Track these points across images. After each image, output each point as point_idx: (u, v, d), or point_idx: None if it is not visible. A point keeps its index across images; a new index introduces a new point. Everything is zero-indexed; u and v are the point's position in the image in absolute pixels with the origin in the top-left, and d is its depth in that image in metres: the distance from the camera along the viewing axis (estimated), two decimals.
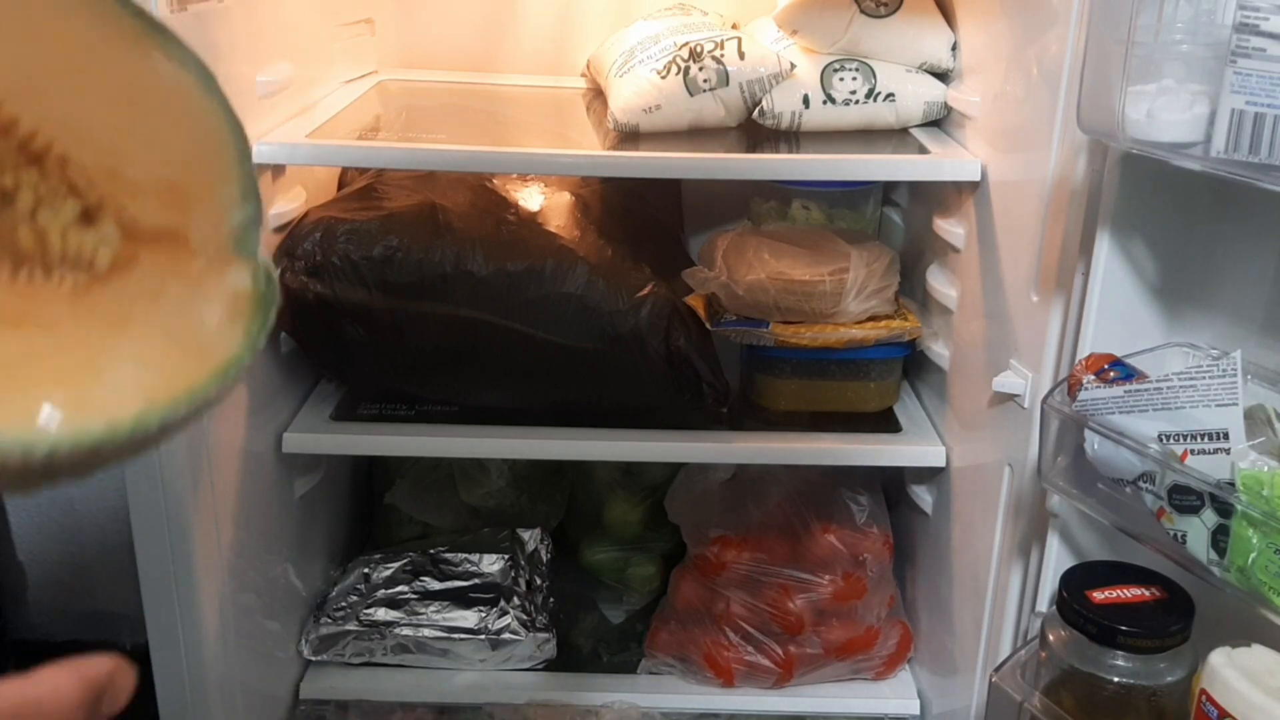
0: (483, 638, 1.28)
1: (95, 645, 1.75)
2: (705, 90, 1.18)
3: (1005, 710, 0.84)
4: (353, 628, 1.29)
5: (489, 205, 1.22)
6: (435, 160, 1.14)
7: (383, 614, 1.29)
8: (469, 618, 1.29)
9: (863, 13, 1.20)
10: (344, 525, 1.46)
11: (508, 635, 1.28)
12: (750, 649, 1.28)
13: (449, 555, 1.36)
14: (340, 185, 1.33)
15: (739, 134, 1.23)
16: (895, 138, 1.23)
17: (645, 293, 1.14)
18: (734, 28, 1.28)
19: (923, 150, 1.17)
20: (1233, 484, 0.70)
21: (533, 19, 1.46)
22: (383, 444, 1.22)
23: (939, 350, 1.23)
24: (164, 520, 0.99)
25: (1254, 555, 0.69)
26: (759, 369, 1.26)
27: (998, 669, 0.87)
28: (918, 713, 1.30)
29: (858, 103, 1.21)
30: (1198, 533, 0.73)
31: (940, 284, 1.22)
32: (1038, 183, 0.94)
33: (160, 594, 1.01)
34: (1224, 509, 0.71)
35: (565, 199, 1.30)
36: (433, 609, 1.30)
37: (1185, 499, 0.73)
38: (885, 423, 1.26)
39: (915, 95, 1.21)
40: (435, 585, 1.33)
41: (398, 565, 1.35)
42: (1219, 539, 0.71)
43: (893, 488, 1.38)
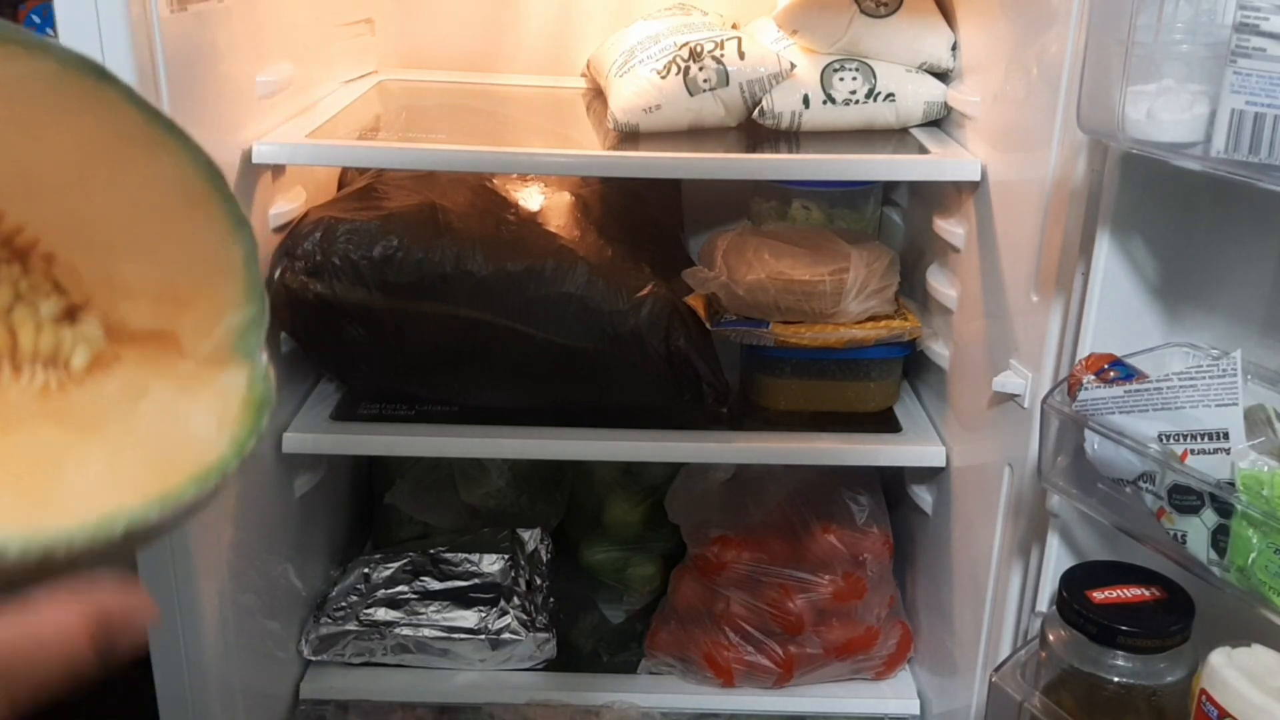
0: (483, 638, 1.28)
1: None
2: (705, 90, 1.18)
3: (1005, 710, 0.84)
4: (353, 628, 1.29)
5: (489, 205, 1.22)
6: (435, 160, 1.14)
7: (383, 614, 1.29)
8: (469, 618, 1.29)
9: (863, 13, 1.20)
10: (344, 525, 1.46)
11: (508, 635, 1.28)
12: (750, 649, 1.28)
13: (449, 555, 1.36)
14: (340, 185, 1.33)
15: (739, 134, 1.23)
16: (895, 138, 1.23)
17: (645, 293, 1.14)
18: (734, 28, 1.28)
19: (923, 150, 1.17)
20: (1233, 484, 0.70)
21: (533, 19, 1.46)
22: (383, 444, 1.22)
23: (939, 350, 1.23)
24: None
25: (1254, 555, 0.69)
26: (759, 369, 1.26)
27: (998, 669, 0.87)
28: (918, 713, 1.30)
29: (858, 103, 1.21)
30: (1198, 533, 0.73)
31: (940, 284, 1.22)
32: (1038, 183, 0.94)
33: (160, 594, 1.01)
34: (1224, 509, 0.71)
35: (565, 199, 1.30)
36: (433, 609, 1.30)
37: (1185, 499, 0.73)
38: (885, 423, 1.26)
39: (915, 95, 1.21)
40: (435, 585, 1.33)
41: (398, 565, 1.35)
42: (1219, 539, 0.71)
43: (893, 488, 1.38)
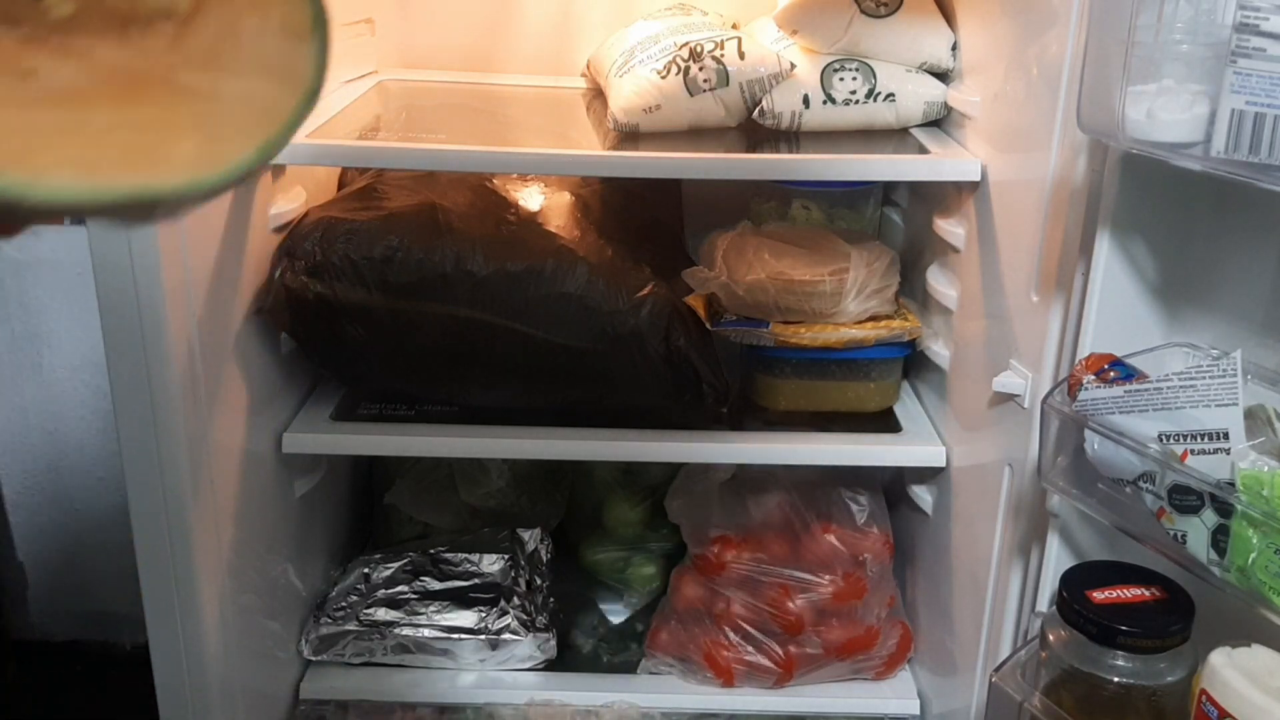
0: (483, 638, 1.28)
1: (95, 645, 1.76)
2: (705, 90, 1.18)
3: (1005, 710, 0.84)
4: (353, 628, 1.29)
5: (489, 205, 1.22)
6: (435, 160, 1.14)
7: (383, 614, 1.29)
8: (469, 618, 1.29)
9: (863, 13, 1.20)
10: (344, 525, 1.46)
11: (508, 635, 1.28)
12: (750, 649, 1.28)
13: (449, 555, 1.36)
14: (340, 185, 1.33)
15: (739, 134, 1.23)
16: (895, 138, 1.23)
17: (645, 293, 1.14)
18: (734, 28, 1.28)
19: (923, 150, 1.17)
20: (1233, 484, 0.70)
21: (533, 19, 1.46)
22: (383, 444, 1.22)
23: (939, 350, 1.23)
24: (164, 520, 0.99)
25: (1254, 555, 0.69)
26: (759, 369, 1.26)
27: (998, 669, 0.87)
28: (918, 713, 1.30)
29: (858, 103, 1.21)
30: (1198, 533, 0.73)
31: (940, 284, 1.22)
32: (1038, 183, 0.94)
33: (160, 594, 1.01)
34: (1224, 509, 0.71)
35: (565, 199, 1.30)
36: (433, 609, 1.30)
37: (1185, 499, 0.73)
38: (885, 423, 1.26)
39: (915, 95, 1.21)
40: (435, 585, 1.33)
41: (398, 565, 1.35)
42: (1219, 539, 0.71)
43: (893, 488, 1.38)
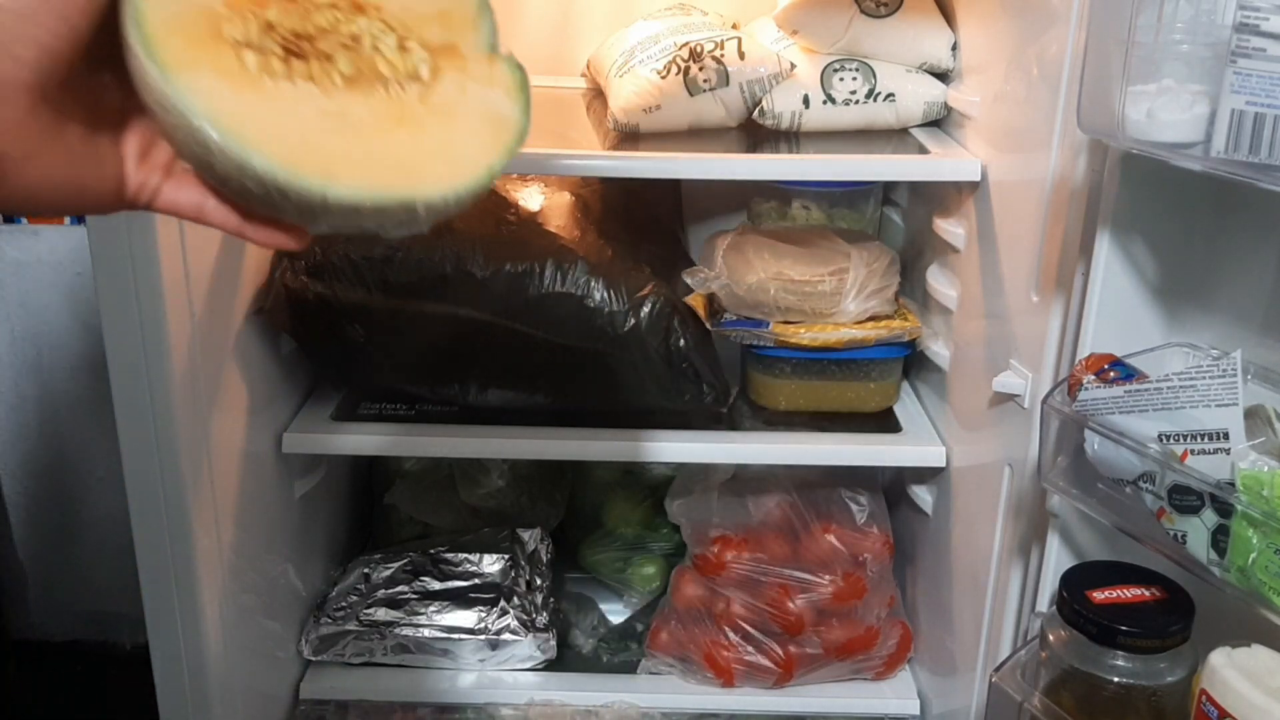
0: (483, 638, 1.28)
1: (95, 645, 1.75)
2: (705, 90, 1.18)
3: (1005, 710, 0.84)
4: (353, 628, 1.29)
5: (489, 205, 1.22)
6: None
7: (383, 614, 1.29)
8: (469, 618, 1.29)
9: (863, 13, 1.20)
10: (344, 525, 1.46)
11: (508, 635, 1.28)
12: (750, 649, 1.28)
13: (449, 555, 1.36)
14: None
15: (739, 134, 1.23)
16: (895, 138, 1.23)
17: (645, 293, 1.14)
18: (734, 28, 1.28)
19: (923, 150, 1.17)
20: (1233, 484, 0.70)
21: (533, 19, 1.46)
22: (383, 444, 1.22)
23: (939, 350, 1.23)
24: (164, 520, 0.99)
25: (1254, 555, 0.69)
26: (759, 369, 1.26)
27: (998, 669, 0.87)
28: (918, 713, 1.30)
29: (858, 103, 1.21)
30: (1198, 533, 0.73)
31: (940, 284, 1.22)
32: (1038, 183, 0.94)
33: (160, 594, 1.01)
34: (1224, 509, 0.71)
35: (565, 199, 1.30)
36: (433, 609, 1.30)
37: (1185, 499, 0.73)
38: (885, 423, 1.26)
39: (915, 95, 1.21)
40: (435, 585, 1.33)
41: (398, 565, 1.35)
42: (1219, 539, 0.71)
43: (893, 488, 1.38)
